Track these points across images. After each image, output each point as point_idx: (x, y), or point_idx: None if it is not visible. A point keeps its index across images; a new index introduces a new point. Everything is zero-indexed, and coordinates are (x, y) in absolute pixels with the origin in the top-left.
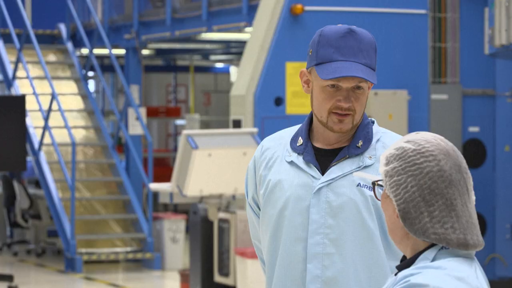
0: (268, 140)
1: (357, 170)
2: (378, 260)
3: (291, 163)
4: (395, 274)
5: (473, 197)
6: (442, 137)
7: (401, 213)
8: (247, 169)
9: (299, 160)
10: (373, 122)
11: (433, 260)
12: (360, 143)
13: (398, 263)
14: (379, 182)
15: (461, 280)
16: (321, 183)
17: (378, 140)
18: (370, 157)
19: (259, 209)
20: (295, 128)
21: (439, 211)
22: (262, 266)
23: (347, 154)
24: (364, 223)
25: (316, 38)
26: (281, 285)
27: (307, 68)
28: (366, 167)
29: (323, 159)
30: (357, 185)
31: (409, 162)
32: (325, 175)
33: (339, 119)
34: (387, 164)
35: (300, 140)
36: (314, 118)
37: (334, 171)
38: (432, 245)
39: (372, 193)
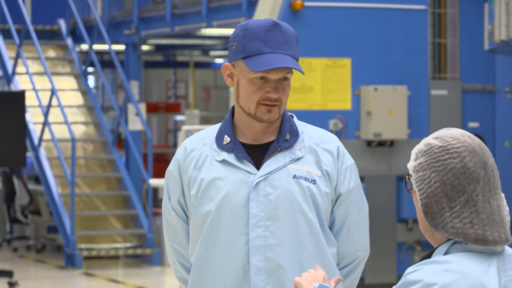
0: (190, 142)
1: (291, 163)
2: (319, 247)
3: (223, 161)
4: None
5: (502, 194)
6: (470, 134)
7: (424, 207)
8: (167, 173)
9: (230, 157)
10: (292, 116)
11: (445, 253)
12: (288, 136)
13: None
14: (408, 177)
15: (461, 274)
16: (259, 177)
17: (302, 132)
18: (300, 149)
19: (184, 213)
20: (213, 128)
21: (459, 206)
22: (179, 270)
23: (278, 148)
24: (303, 213)
25: (240, 32)
26: (220, 281)
27: (230, 62)
28: (298, 159)
29: (254, 155)
30: (293, 177)
31: (434, 158)
32: (261, 169)
33: (267, 109)
34: (415, 159)
35: (227, 138)
36: (238, 113)
37: (269, 165)
38: (449, 240)
39: (308, 183)
